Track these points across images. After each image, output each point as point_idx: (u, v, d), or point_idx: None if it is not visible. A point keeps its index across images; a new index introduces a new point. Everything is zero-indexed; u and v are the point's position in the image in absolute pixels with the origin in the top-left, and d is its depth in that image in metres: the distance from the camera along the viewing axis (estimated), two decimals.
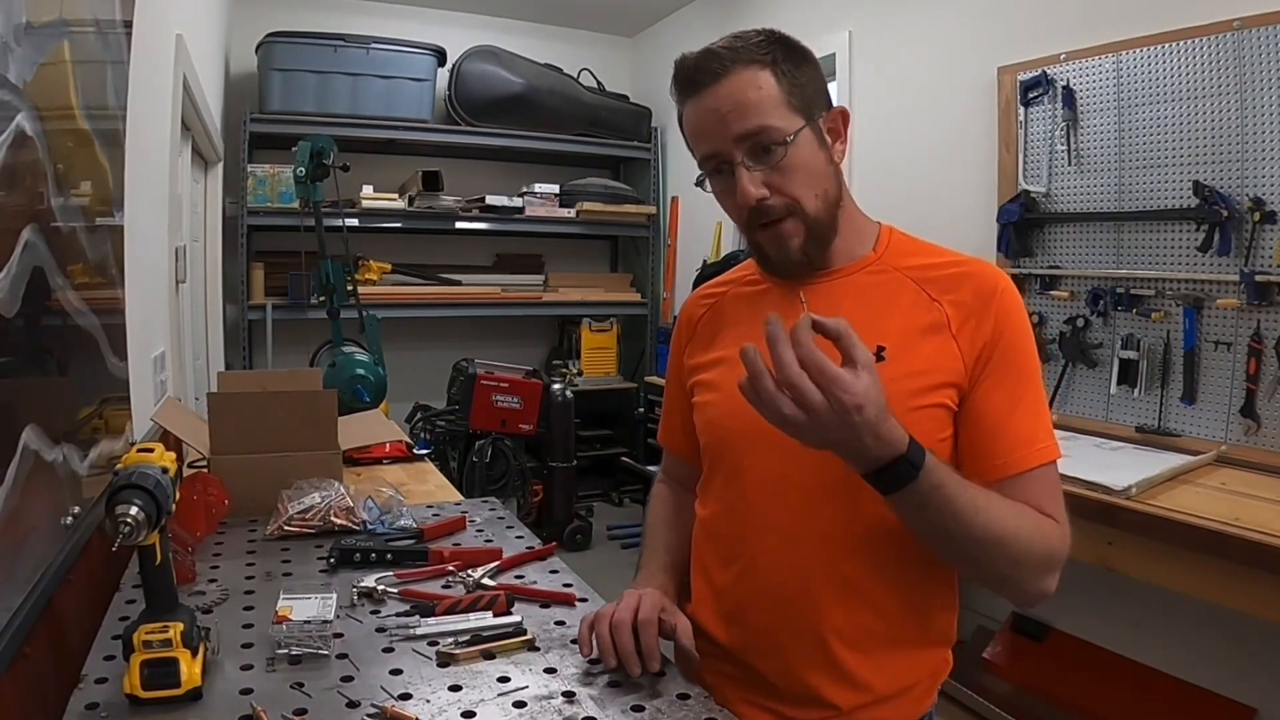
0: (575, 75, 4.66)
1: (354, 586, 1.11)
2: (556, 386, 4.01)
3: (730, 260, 3.74)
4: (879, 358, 0.91)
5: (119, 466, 0.82)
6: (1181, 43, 2.13)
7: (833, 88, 3.43)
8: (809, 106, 0.93)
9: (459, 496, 1.76)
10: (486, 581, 1.16)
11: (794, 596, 0.94)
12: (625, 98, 4.84)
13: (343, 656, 0.92)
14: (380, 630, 1.00)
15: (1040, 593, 0.89)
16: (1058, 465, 0.93)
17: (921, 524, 0.84)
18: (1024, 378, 0.91)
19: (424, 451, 2.18)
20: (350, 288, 3.12)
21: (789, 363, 0.72)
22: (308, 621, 0.94)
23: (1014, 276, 2.50)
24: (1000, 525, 0.84)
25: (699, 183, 0.99)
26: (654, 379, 4.33)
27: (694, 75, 0.92)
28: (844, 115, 0.96)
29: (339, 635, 0.97)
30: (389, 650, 0.95)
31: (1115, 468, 1.87)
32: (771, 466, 0.96)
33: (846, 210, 0.99)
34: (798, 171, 0.91)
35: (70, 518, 0.99)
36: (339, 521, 1.37)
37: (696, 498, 1.09)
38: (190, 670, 0.81)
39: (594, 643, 0.91)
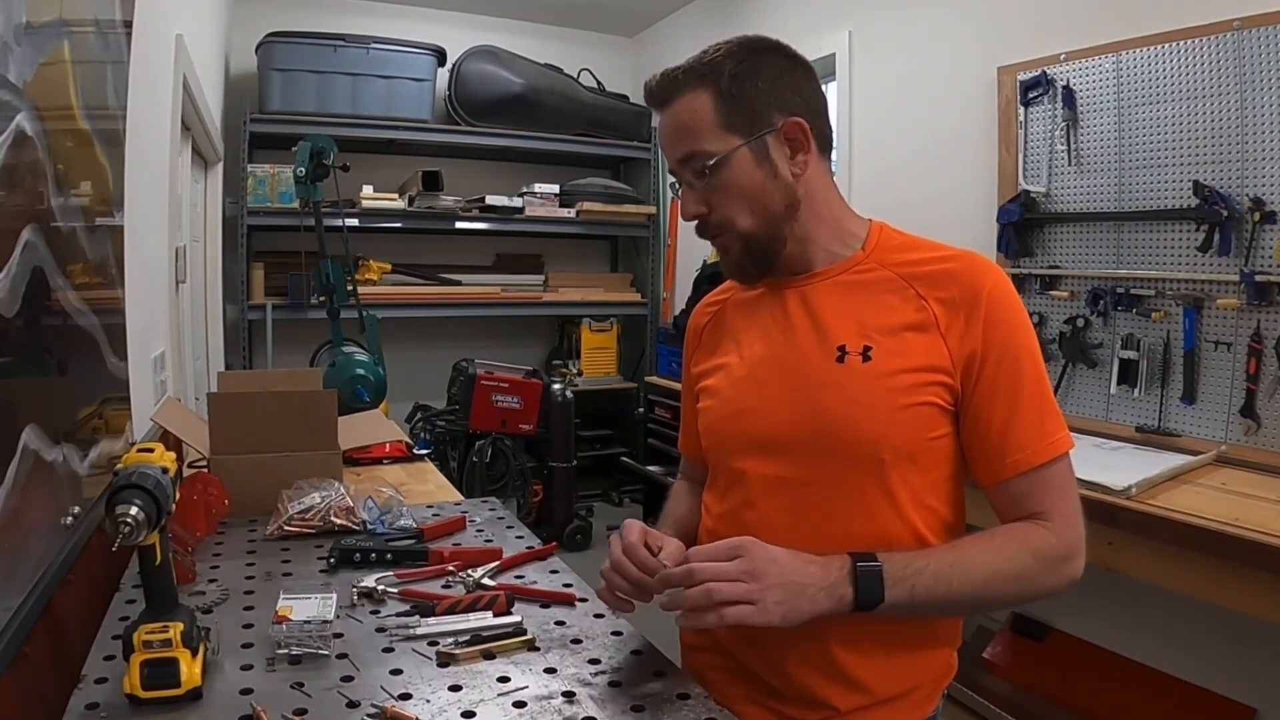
0: (575, 75, 4.66)
1: (354, 586, 1.11)
2: (556, 386, 4.01)
3: None
4: (865, 357, 0.92)
5: (119, 466, 0.82)
6: (1181, 43, 2.13)
7: (832, 88, 3.43)
8: (752, 124, 0.94)
9: (459, 496, 1.76)
10: (486, 581, 1.16)
11: None
12: (625, 98, 4.84)
13: (343, 656, 0.92)
14: (380, 630, 1.00)
15: (1067, 586, 0.91)
16: (1069, 456, 0.92)
17: (918, 614, 0.89)
18: (1023, 377, 0.91)
19: (424, 451, 2.19)
20: (350, 288, 3.12)
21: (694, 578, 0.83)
22: (308, 621, 0.94)
23: (1014, 276, 2.53)
24: (988, 570, 0.88)
25: (672, 188, 1.03)
26: (654, 379, 4.32)
27: (649, 100, 1.00)
28: (800, 127, 0.95)
29: (339, 635, 0.97)
30: (389, 650, 0.95)
31: (1115, 468, 1.86)
32: (767, 468, 0.96)
33: (825, 215, 1.00)
34: (729, 191, 0.95)
35: (70, 518, 0.99)
36: (339, 521, 1.37)
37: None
38: (190, 670, 0.81)
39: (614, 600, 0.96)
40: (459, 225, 4.32)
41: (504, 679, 0.89)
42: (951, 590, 0.86)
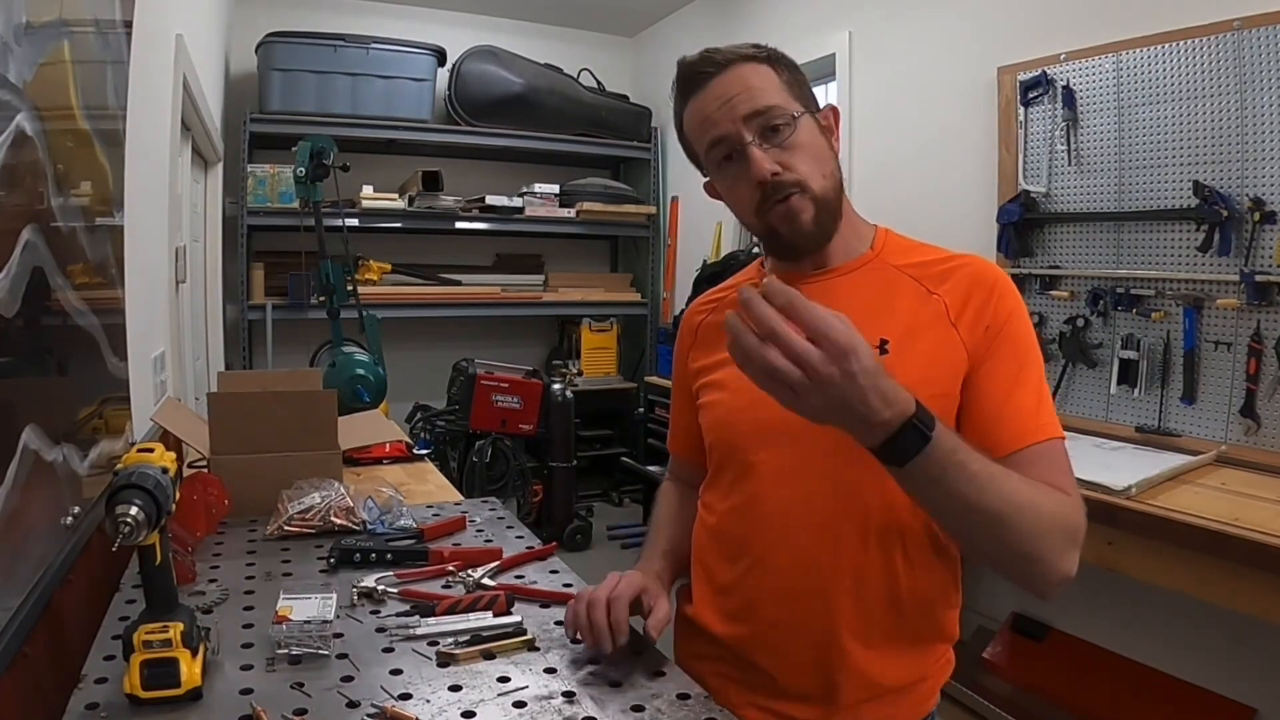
0: (575, 75, 4.66)
1: (354, 586, 1.11)
2: (556, 386, 4.01)
3: (730, 260, 3.74)
4: (882, 350, 0.92)
5: (119, 466, 0.82)
6: (1181, 43, 2.13)
7: (832, 88, 3.44)
8: (806, 99, 0.99)
9: (459, 496, 1.76)
10: (486, 581, 1.16)
11: (803, 589, 0.95)
12: (625, 98, 4.84)
13: (343, 656, 0.92)
14: (380, 630, 1.00)
15: (1064, 573, 0.83)
16: (1064, 444, 0.91)
17: (939, 498, 0.78)
18: (1026, 361, 0.93)
19: (424, 451, 2.18)
20: (350, 288, 3.12)
21: (768, 315, 0.68)
22: (308, 621, 0.94)
23: (1014, 276, 2.48)
24: (1016, 494, 0.79)
25: (708, 184, 1.03)
26: (654, 379, 4.32)
27: (699, 68, 0.97)
28: (835, 112, 1.02)
29: (339, 635, 0.97)
30: (389, 650, 0.95)
31: (1115, 468, 1.86)
32: (782, 459, 0.96)
33: (848, 211, 1.02)
34: (804, 150, 0.95)
35: (70, 518, 0.99)
36: (339, 521, 1.37)
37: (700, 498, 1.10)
38: (190, 670, 0.81)
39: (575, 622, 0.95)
40: (459, 225, 4.32)
41: (504, 679, 0.89)
42: (982, 496, 0.77)
